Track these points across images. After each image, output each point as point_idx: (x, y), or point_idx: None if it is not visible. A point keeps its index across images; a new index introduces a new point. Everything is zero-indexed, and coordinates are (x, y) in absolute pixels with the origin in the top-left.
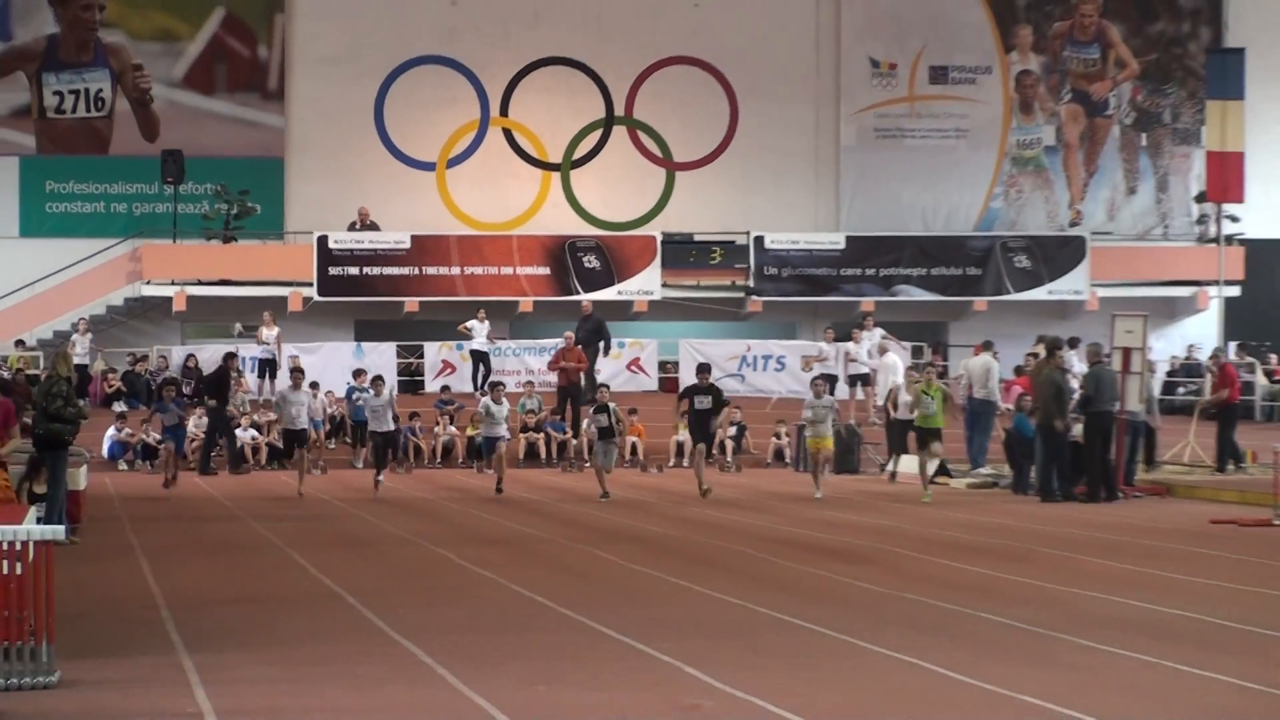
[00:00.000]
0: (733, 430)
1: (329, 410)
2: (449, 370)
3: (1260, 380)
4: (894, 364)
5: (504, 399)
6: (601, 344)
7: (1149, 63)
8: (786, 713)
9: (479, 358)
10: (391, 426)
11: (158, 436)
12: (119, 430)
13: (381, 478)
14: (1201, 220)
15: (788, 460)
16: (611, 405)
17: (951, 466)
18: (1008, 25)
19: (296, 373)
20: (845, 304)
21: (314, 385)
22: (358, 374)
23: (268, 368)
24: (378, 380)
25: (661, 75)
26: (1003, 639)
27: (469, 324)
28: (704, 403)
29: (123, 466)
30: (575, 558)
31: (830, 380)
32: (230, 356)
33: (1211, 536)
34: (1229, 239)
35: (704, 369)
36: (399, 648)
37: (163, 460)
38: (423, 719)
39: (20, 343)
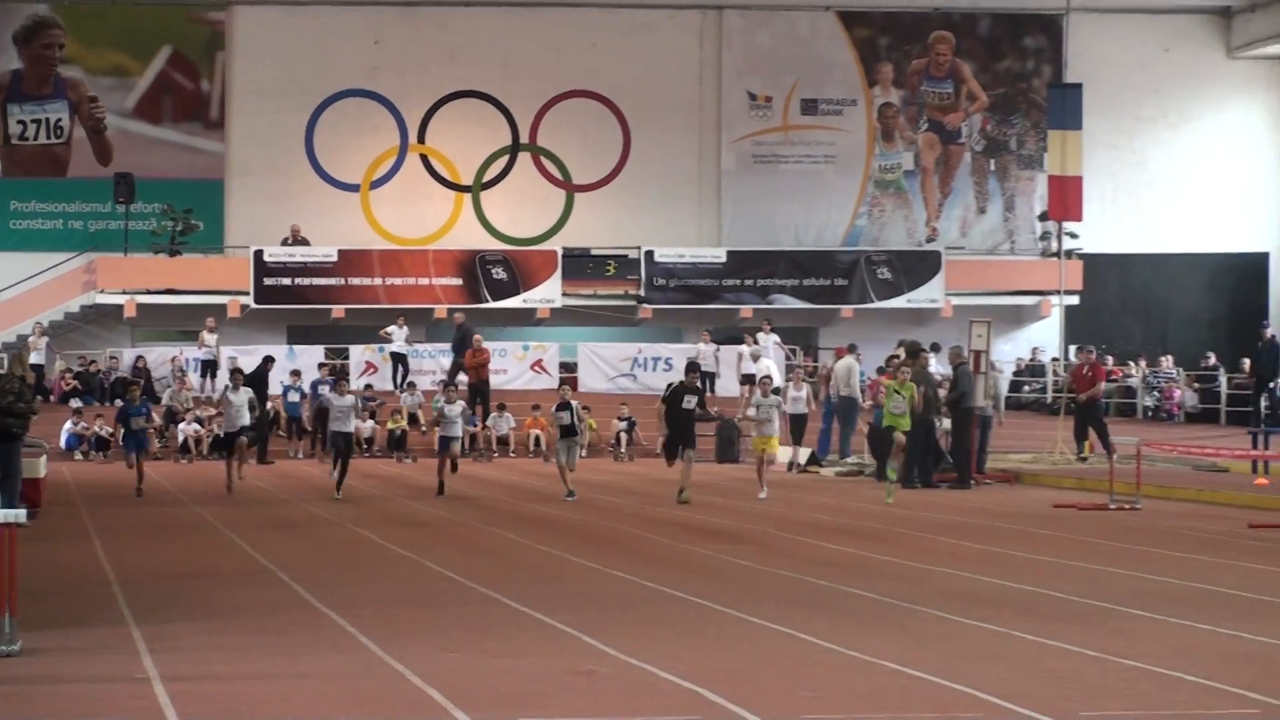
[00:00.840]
0: (623, 424)
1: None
2: (371, 370)
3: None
4: (767, 367)
5: (457, 399)
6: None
7: (997, 96)
8: (674, 677)
9: (398, 359)
10: (351, 428)
11: (110, 430)
12: (75, 424)
13: (339, 494)
14: (1044, 237)
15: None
16: (574, 403)
17: (827, 457)
18: (871, 63)
19: (236, 374)
20: (726, 311)
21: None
22: (294, 374)
23: (209, 368)
24: (342, 380)
25: (562, 107)
26: (867, 611)
27: (389, 329)
28: (690, 403)
29: (78, 457)
30: (485, 539)
31: (709, 378)
32: (269, 360)
33: (1054, 519)
34: (1069, 253)
35: (693, 368)
36: (325, 619)
37: (135, 470)
38: (347, 683)
39: None
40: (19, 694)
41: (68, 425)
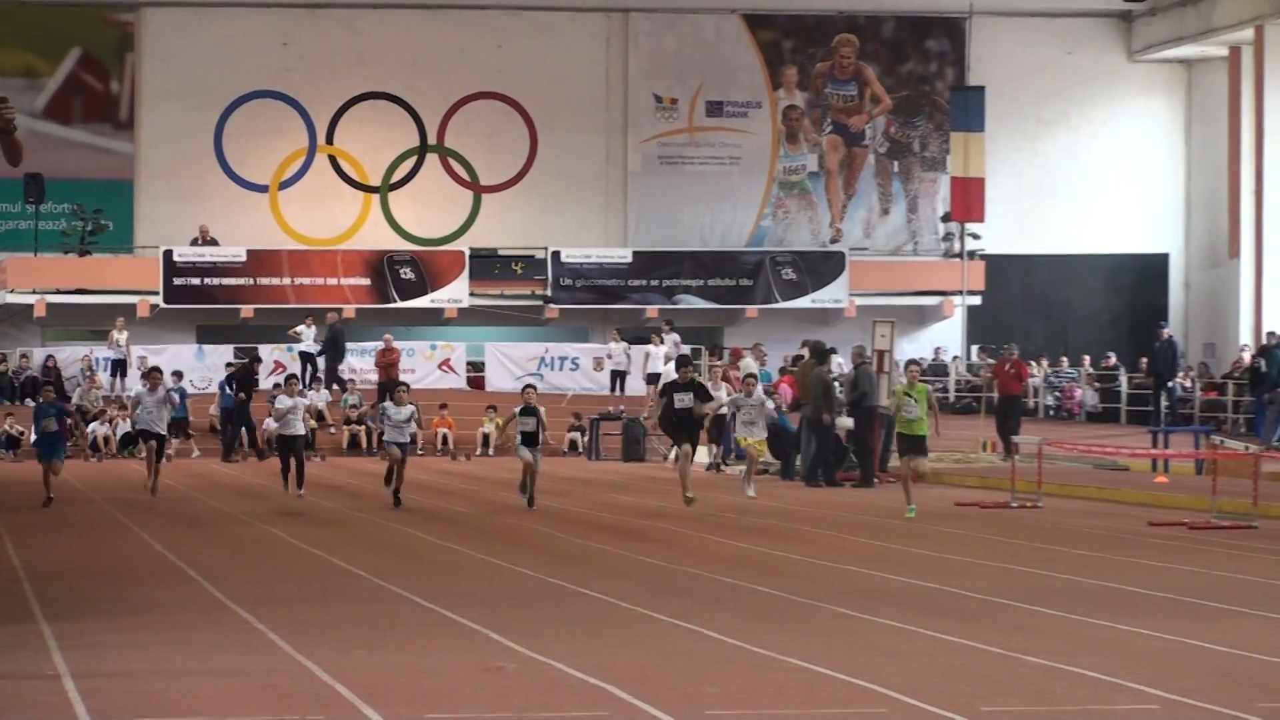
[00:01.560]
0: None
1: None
2: (280, 369)
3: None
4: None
5: (407, 401)
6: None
7: (900, 98)
8: (581, 674)
9: (306, 358)
10: (301, 431)
11: (21, 429)
12: None
13: (301, 491)
14: (947, 238)
15: (580, 450)
16: (540, 409)
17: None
18: (776, 66)
19: (155, 372)
20: (632, 311)
21: (177, 375)
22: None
23: (118, 368)
24: (291, 379)
25: (469, 109)
26: (771, 608)
27: (298, 329)
28: (685, 400)
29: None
30: (394, 536)
31: (621, 376)
32: (255, 360)
33: (957, 517)
34: (971, 254)
35: (684, 362)
36: (235, 616)
37: (43, 479)
38: (256, 680)
39: None
40: None
41: None
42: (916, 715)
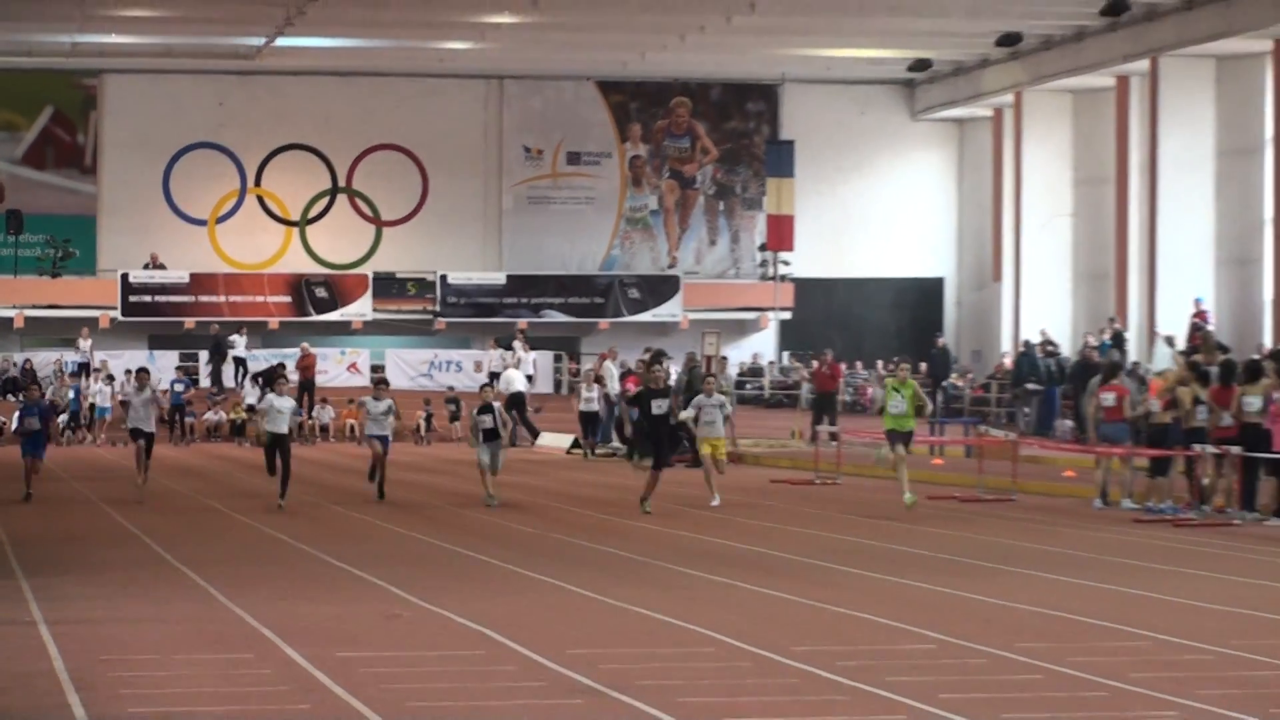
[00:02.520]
0: (423, 415)
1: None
2: (249, 387)
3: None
4: (510, 378)
5: (385, 395)
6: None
7: (725, 150)
8: (464, 620)
9: (239, 362)
10: (286, 429)
11: (4, 420)
12: None
13: (284, 501)
14: (763, 264)
15: (461, 436)
16: (496, 405)
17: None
18: (623, 123)
19: (143, 373)
20: (506, 324)
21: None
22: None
23: (84, 369)
24: (281, 381)
25: (373, 157)
26: (621, 566)
27: (232, 338)
28: (661, 407)
29: None
30: (311, 509)
31: (495, 376)
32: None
33: (771, 492)
34: (782, 278)
35: (656, 359)
36: (180, 574)
37: (24, 474)
38: (198, 626)
39: None
40: None
41: None
42: (739, 654)
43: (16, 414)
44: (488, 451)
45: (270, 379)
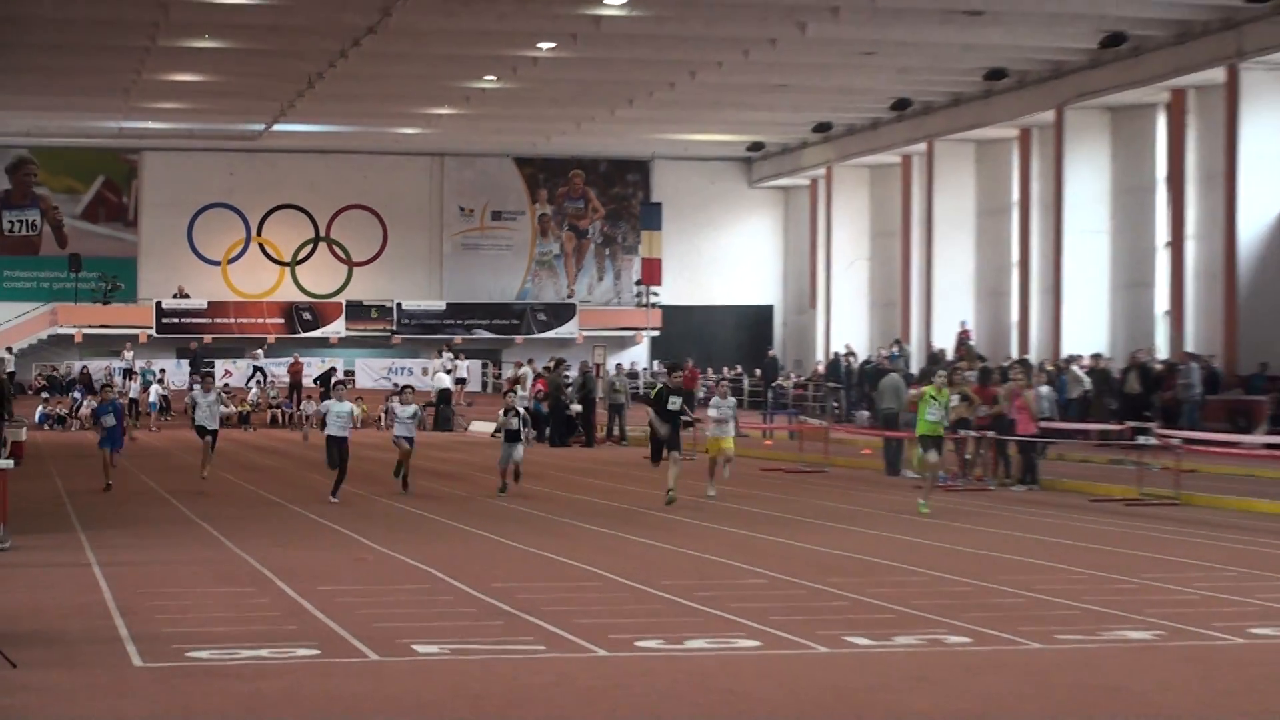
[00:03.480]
0: (384, 408)
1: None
2: (229, 375)
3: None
4: (441, 377)
5: (411, 400)
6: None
7: (610, 209)
8: (415, 562)
9: (257, 369)
10: (347, 433)
11: (67, 411)
12: (44, 408)
13: (336, 498)
14: (638, 295)
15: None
16: (521, 410)
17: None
18: (534, 189)
19: (208, 378)
20: (446, 339)
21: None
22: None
23: (127, 374)
24: (338, 384)
25: (346, 215)
26: (533, 522)
27: (257, 351)
28: (675, 403)
29: (46, 428)
30: (295, 477)
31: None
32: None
33: (633, 464)
34: (653, 305)
35: (675, 367)
36: (199, 527)
37: (102, 465)
38: (212, 566)
39: None
40: (9, 572)
41: (40, 409)
42: (619, 586)
43: (93, 412)
44: (507, 450)
45: (328, 384)
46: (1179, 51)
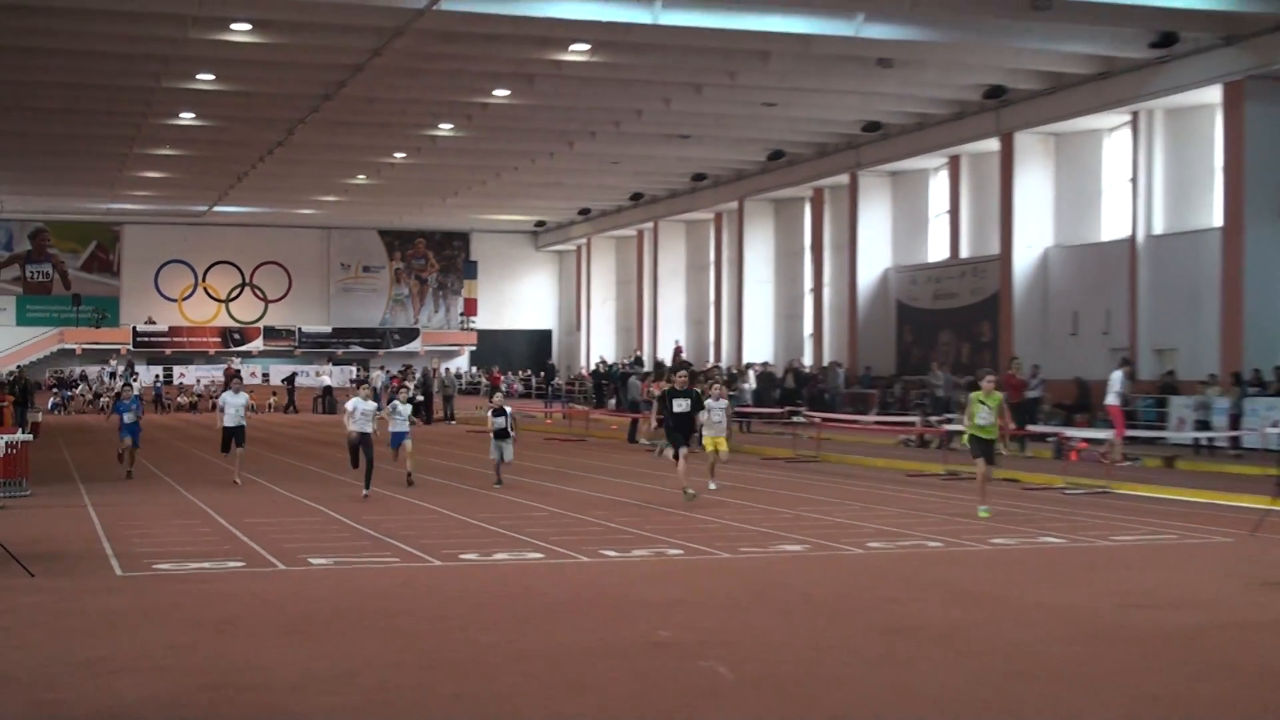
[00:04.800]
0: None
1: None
2: (182, 376)
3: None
4: (324, 379)
5: (408, 400)
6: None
7: (442, 265)
8: (311, 503)
9: (198, 378)
10: (372, 429)
11: (68, 395)
12: (54, 399)
13: (368, 491)
14: (462, 322)
15: (296, 409)
16: (508, 409)
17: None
18: (391, 251)
19: (237, 377)
20: (331, 353)
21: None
22: (235, 377)
23: (112, 375)
24: (364, 386)
25: (265, 269)
26: (390, 475)
27: (237, 363)
28: (683, 405)
29: (56, 413)
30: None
31: (329, 388)
32: (238, 371)
33: (468, 439)
34: (471, 329)
35: (680, 368)
36: (164, 481)
37: (124, 454)
38: (174, 507)
39: (10, 372)
40: (29, 512)
41: (51, 399)
42: (448, 519)
43: (114, 410)
44: (498, 447)
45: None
46: (818, 163)
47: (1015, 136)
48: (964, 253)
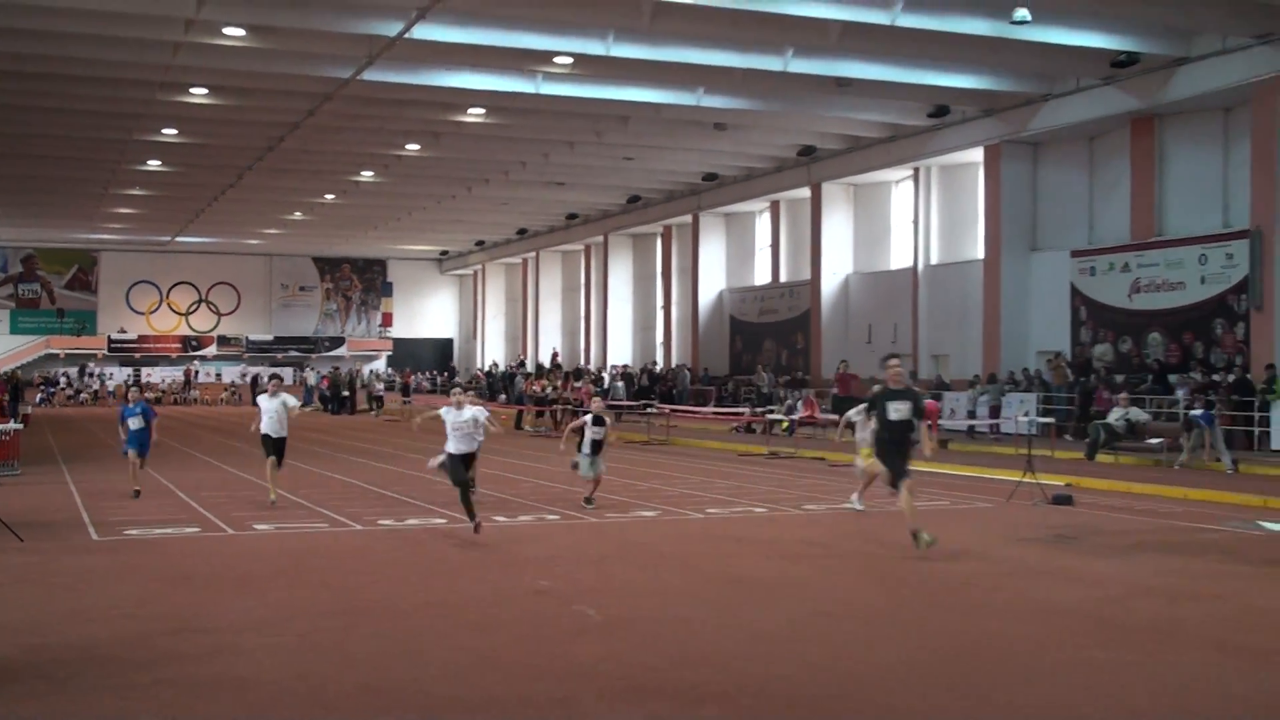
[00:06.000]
0: (230, 391)
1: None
2: (149, 376)
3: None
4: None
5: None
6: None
7: (364, 285)
8: (248, 476)
9: (189, 375)
10: (474, 449)
11: (53, 390)
12: (41, 395)
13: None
14: (380, 332)
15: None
16: (606, 420)
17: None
18: (323, 274)
19: (274, 380)
20: (272, 358)
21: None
22: (273, 379)
23: (90, 375)
24: (451, 396)
25: (218, 287)
26: (320, 456)
27: (191, 365)
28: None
29: (43, 406)
30: (185, 434)
31: (274, 381)
32: (357, 374)
33: (371, 425)
34: (388, 338)
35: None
36: (129, 461)
37: (131, 470)
38: (148, 486)
39: (4, 373)
40: (21, 488)
41: (39, 395)
42: (364, 491)
43: (121, 416)
44: (589, 463)
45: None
46: (667, 206)
47: (823, 186)
48: (783, 277)
